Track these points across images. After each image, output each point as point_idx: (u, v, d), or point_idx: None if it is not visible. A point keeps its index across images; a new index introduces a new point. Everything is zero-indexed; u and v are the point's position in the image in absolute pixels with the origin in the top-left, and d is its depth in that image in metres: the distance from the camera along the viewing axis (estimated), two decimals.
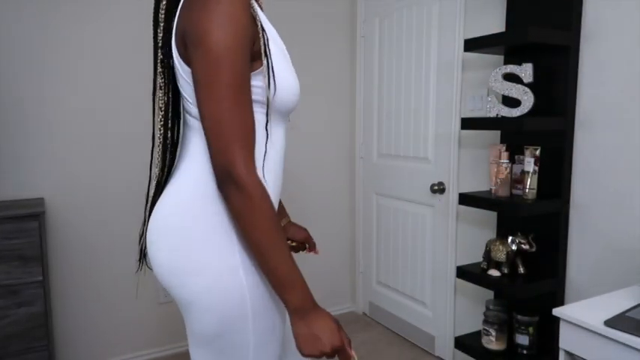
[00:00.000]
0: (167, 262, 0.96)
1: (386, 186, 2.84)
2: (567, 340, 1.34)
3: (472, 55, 2.21)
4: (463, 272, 1.93)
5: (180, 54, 0.95)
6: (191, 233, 0.95)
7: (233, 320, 0.94)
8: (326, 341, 0.87)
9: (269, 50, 0.94)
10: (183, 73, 0.96)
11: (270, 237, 0.86)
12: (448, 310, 2.45)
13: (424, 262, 2.59)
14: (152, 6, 1.02)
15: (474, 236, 2.29)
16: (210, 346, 0.97)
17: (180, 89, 1.00)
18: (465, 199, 1.90)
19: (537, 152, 1.75)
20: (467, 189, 2.29)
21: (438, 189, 2.42)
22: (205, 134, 0.88)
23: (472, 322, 2.34)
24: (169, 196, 0.99)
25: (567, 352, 1.36)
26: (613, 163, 1.68)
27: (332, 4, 2.92)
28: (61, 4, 2.21)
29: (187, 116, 1.01)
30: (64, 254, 2.32)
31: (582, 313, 1.32)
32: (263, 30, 0.94)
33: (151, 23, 1.04)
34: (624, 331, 1.19)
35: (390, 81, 2.74)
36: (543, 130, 1.81)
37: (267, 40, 0.94)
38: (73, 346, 2.37)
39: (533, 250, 1.78)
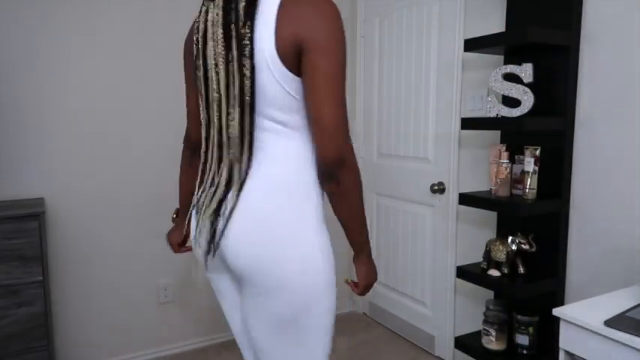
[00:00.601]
0: (258, 252, 1.03)
1: (386, 186, 2.83)
2: (567, 340, 1.34)
3: (472, 55, 2.21)
4: (463, 272, 1.93)
5: (282, 59, 0.96)
6: (280, 224, 1.03)
7: (312, 302, 1.07)
8: (375, 271, 1.23)
9: None
10: (280, 78, 0.97)
11: (363, 203, 1.11)
12: (448, 310, 2.45)
13: (424, 262, 2.59)
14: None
15: (473, 236, 2.29)
16: (288, 329, 1.07)
17: (266, 94, 0.99)
18: (465, 199, 1.90)
19: (537, 152, 1.74)
20: (467, 189, 2.29)
21: (438, 189, 2.42)
22: (319, 132, 0.98)
23: (472, 322, 2.34)
24: (255, 193, 1.04)
25: (567, 352, 1.36)
26: (613, 163, 1.68)
27: None
28: (60, 4, 2.21)
29: (265, 121, 1.02)
30: (64, 254, 2.32)
31: (582, 313, 1.32)
32: None
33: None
34: (624, 331, 1.19)
35: (390, 81, 2.74)
36: (543, 130, 1.81)
37: None
38: (73, 346, 2.37)
39: (533, 250, 1.78)
